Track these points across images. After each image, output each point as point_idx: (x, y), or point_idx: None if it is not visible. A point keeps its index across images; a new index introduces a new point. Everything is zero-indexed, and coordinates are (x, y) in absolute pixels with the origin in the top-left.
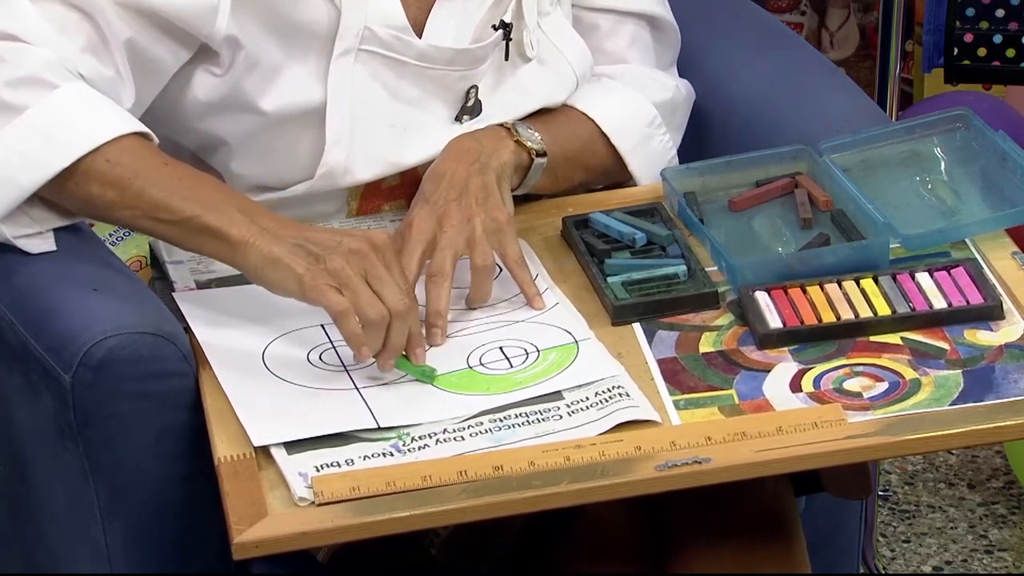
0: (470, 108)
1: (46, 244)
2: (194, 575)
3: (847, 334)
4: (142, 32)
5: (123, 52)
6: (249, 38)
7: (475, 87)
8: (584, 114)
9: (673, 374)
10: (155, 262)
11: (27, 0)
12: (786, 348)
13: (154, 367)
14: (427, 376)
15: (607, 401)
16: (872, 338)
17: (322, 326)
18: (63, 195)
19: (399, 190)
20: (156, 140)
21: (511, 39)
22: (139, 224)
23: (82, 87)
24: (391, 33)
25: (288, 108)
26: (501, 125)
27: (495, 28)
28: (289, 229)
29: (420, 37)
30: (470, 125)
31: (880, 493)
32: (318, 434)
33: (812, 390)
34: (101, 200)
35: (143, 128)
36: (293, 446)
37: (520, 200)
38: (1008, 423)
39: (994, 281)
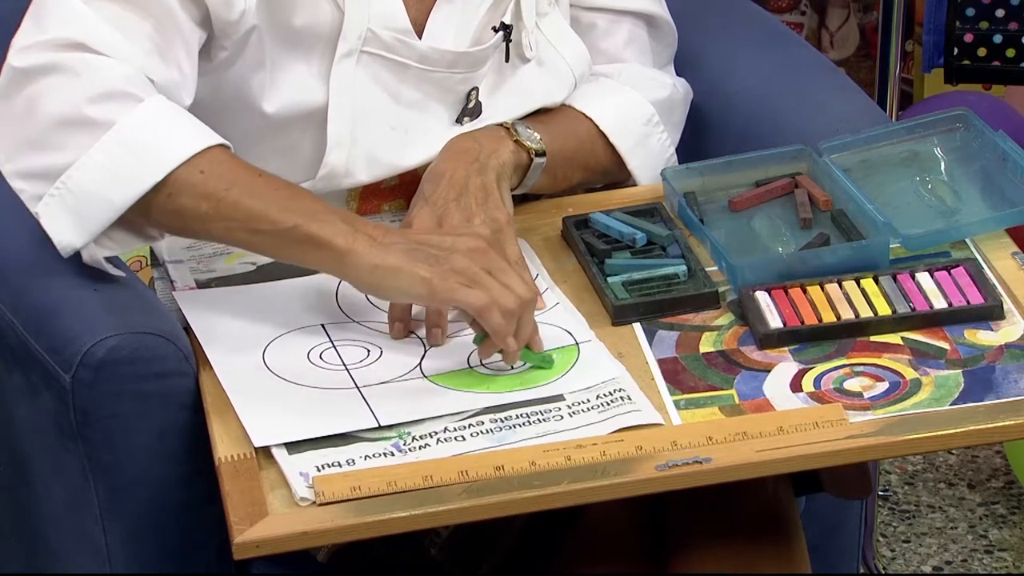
0: (471, 110)
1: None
2: (194, 575)
3: (847, 334)
4: (192, 22)
5: (186, 46)
6: (260, 37)
7: (476, 89)
8: (582, 113)
9: (673, 374)
10: (155, 262)
11: (81, 2)
12: (786, 348)
13: (154, 367)
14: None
15: (608, 404)
16: (872, 338)
17: (322, 325)
18: (151, 211)
19: (398, 190)
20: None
21: (511, 40)
22: (234, 236)
23: (164, 100)
24: (393, 35)
25: (290, 109)
26: (500, 125)
27: (495, 30)
28: (393, 235)
29: (420, 38)
30: (471, 127)
31: (880, 493)
32: (319, 435)
33: (812, 390)
34: (194, 213)
35: (225, 140)
36: (294, 446)
37: (520, 200)
38: (1008, 423)
39: (994, 281)
